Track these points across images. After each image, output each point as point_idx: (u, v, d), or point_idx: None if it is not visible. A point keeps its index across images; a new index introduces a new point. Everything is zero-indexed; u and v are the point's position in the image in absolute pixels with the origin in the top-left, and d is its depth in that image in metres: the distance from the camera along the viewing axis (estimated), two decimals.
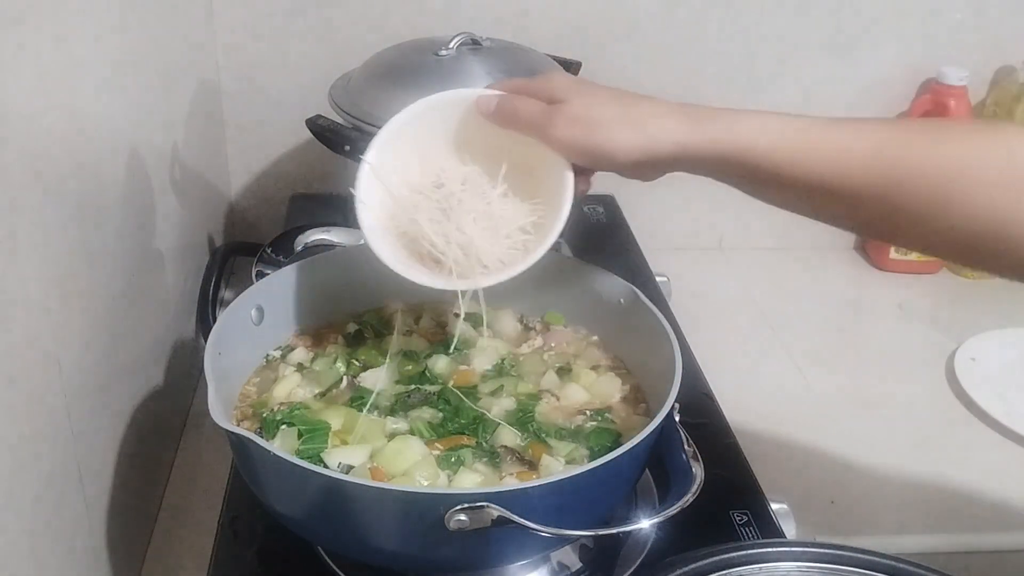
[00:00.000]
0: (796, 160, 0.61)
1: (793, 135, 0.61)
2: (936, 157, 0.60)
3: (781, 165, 0.61)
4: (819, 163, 0.61)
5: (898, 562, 0.59)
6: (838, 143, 0.61)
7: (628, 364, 0.76)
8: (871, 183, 0.60)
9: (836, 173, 0.61)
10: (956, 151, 0.60)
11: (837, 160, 0.61)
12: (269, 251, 0.89)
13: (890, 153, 0.60)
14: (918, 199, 0.60)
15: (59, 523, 0.59)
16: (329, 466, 0.62)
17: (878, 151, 0.61)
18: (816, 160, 0.61)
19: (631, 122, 0.63)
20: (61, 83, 0.60)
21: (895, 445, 0.93)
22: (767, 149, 0.61)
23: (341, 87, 0.99)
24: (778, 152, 0.61)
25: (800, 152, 0.61)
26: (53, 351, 0.58)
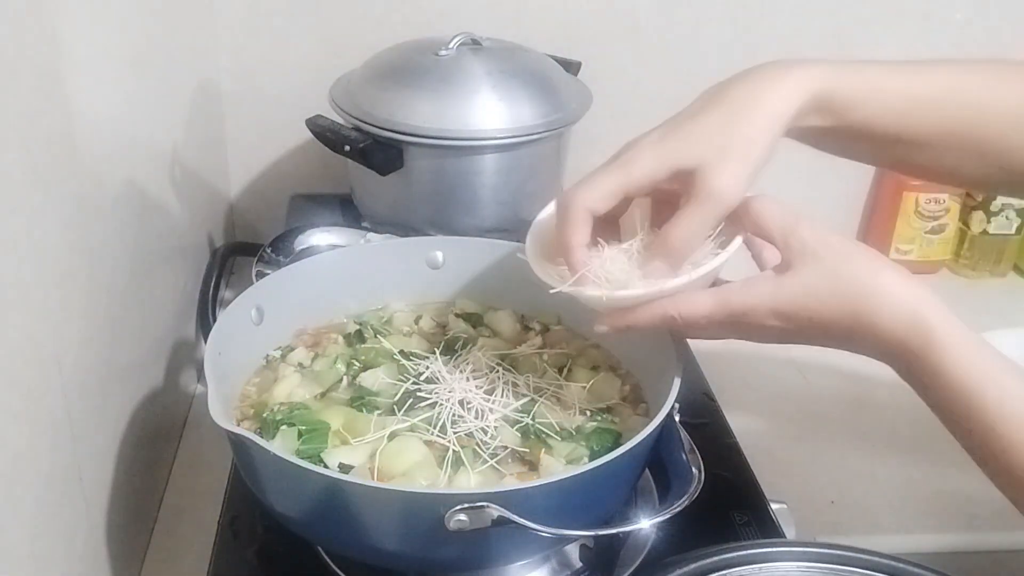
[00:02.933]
0: (880, 108, 0.61)
1: (867, 80, 0.61)
2: (1003, 101, 0.62)
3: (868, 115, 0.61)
4: (903, 107, 0.62)
5: (898, 562, 0.59)
6: (919, 90, 0.62)
7: (628, 364, 0.76)
8: (940, 126, 0.62)
9: (918, 117, 0.62)
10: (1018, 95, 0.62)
11: (918, 105, 0.62)
12: (269, 251, 0.89)
13: (960, 97, 0.62)
14: (984, 142, 0.63)
15: (59, 523, 0.59)
16: (329, 466, 0.62)
17: (949, 94, 0.62)
18: (900, 106, 0.62)
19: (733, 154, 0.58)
20: (61, 83, 0.60)
21: (895, 445, 0.93)
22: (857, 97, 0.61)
23: (341, 87, 1.00)
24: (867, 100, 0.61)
25: (872, 97, 0.61)
26: (53, 351, 0.58)
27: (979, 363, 0.54)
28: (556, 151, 1.01)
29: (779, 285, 0.57)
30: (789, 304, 0.57)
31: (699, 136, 0.59)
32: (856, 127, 0.62)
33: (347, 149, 0.95)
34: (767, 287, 0.58)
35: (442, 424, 0.66)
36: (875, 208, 1.27)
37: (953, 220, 1.23)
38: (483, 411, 0.68)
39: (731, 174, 0.57)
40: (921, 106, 0.62)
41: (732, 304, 0.58)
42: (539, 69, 1.01)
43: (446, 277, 0.82)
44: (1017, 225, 1.23)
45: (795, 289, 0.57)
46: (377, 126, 0.93)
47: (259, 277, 0.80)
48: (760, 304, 0.58)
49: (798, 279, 0.57)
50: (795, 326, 0.58)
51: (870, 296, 0.56)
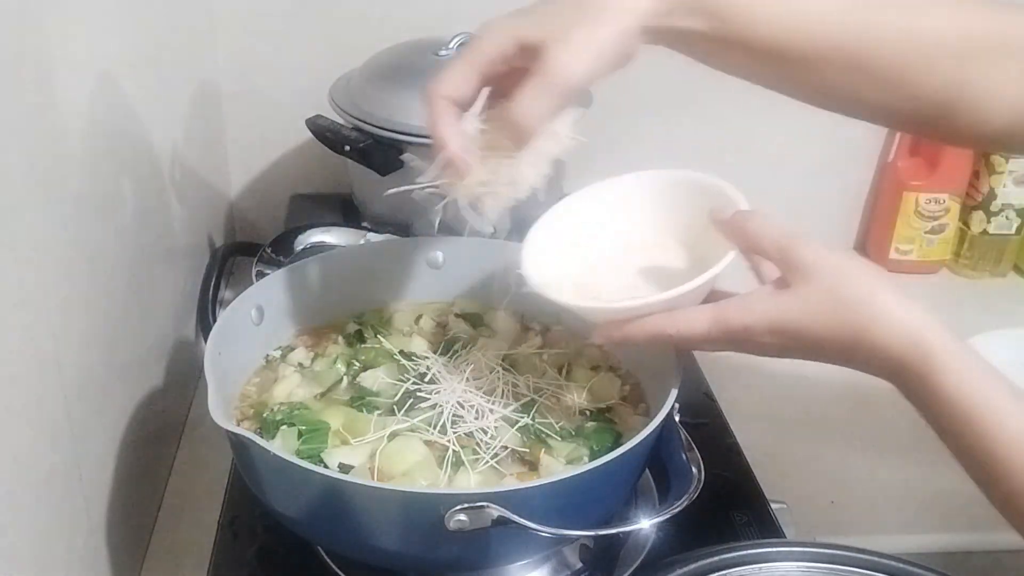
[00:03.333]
0: (765, 16, 0.60)
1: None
2: (904, 27, 0.60)
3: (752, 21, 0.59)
4: (789, 21, 0.60)
5: (898, 562, 0.59)
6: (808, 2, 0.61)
7: (628, 364, 0.76)
8: (840, 46, 0.60)
9: (805, 32, 0.60)
10: (923, 22, 0.61)
11: (807, 19, 0.60)
12: (269, 251, 0.89)
13: (860, 17, 0.60)
14: (885, 67, 0.61)
15: (59, 523, 0.59)
16: (329, 466, 0.62)
17: (849, 13, 0.60)
18: (786, 18, 0.60)
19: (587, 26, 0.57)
20: (61, 83, 0.60)
21: (895, 445, 0.93)
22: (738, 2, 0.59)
23: (341, 87, 1.00)
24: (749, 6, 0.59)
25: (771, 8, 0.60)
26: (53, 351, 0.58)
27: (979, 387, 0.54)
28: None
29: (778, 303, 0.57)
30: (788, 323, 0.57)
31: (549, 14, 0.58)
32: (737, 35, 0.60)
33: (347, 149, 0.95)
34: (765, 305, 0.57)
35: (442, 424, 0.66)
36: (875, 208, 1.27)
37: (953, 220, 1.23)
38: (483, 411, 0.68)
39: (574, 51, 0.56)
40: (817, 19, 0.60)
41: (730, 321, 0.58)
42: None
43: (446, 277, 0.82)
44: (1017, 225, 1.23)
45: (794, 308, 0.56)
46: (377, 126, 0.93)
47: (259, 277, 0.80)
48: (758, 322, 0.57)
49: (797, 298, 0.56)
50: (794, 343, 0.58)
51: (870, 317, 0.55)
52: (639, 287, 0.65)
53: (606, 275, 0.66)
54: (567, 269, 0.66)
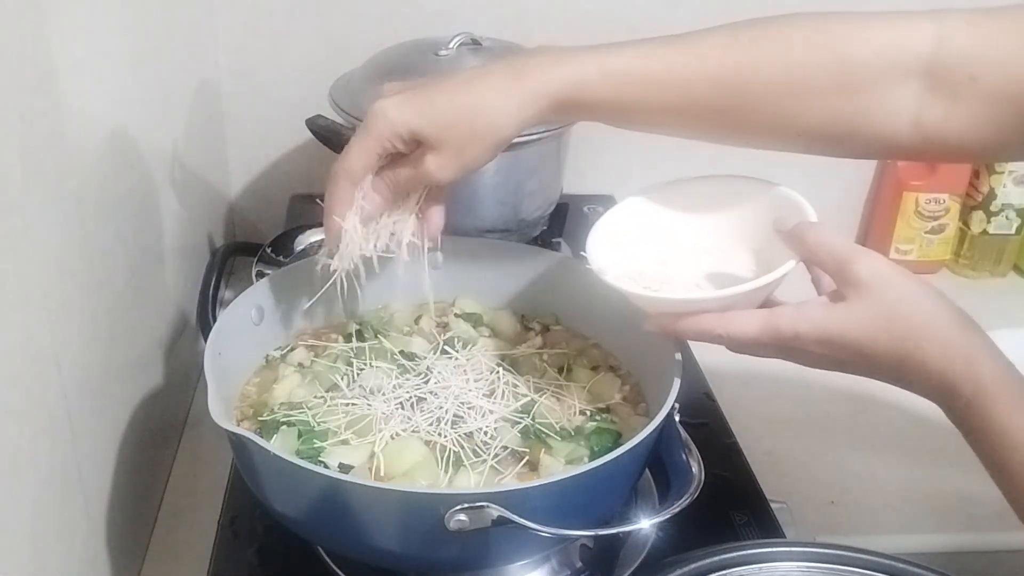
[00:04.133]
0: (632, 101, 0.63)
1: (625, 69, 0.63)
2: (774, 71, 0.62)
3: (624, 104, 0.63)
4: (662, 93, 0.63)
5: (898, 562, 0.59)
6: (675, 72, 0.63)
7: (628, 364, 0.76)
8: (718, 104, 0.63)
9: (682, 99, 0.63)
10: (789, 60, 0.62)
11: (679, 88, 0.63)
12: (269, 251, 0.89)
13: (731, 73, 0.63)
14: (763, 113, 0.63)
15: (59, 523, 0.59)
16: (329, 466, 0.62)
17: (718, 72, 0.63)
18: (659, 91, 0.63)
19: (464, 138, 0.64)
20: (61, 83, 0.60)
21: (895, 445, 0.93)
22: (605, 92, 0.63)
23: (341, 87, 0.99)
24: (618, 92, 0.63)
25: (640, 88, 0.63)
26: (53, 351, 0.58)
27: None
28: (556, 151, 1.01)
29: (830, 315, 0.57)
30: (839, 336, 0.56)
31: (432, 120, 0.63)
32: (613, 115, 0.65)
33: None
34: (818, 315, 0.57)
35: (442, 424, 0.66)
36: (875, 208, 1.27)
37: (953, 220, 1.23)
38: (483, 411, 0.68)
39: (443, 164, 0.64)
40: (683, 85, 0.63)
41: (781, 327, 0.58)
42: None
43: (446, 277, 0.82)
44: (1017, 225, 1.23)
45: (846, 321, 0.56)
46: None
47: (259, 277, 0.80)
48: (810, 331, 0.57)
49: (850, 312, 0.56)
50: (842, 356, 0.57)
51: (922, 339, 0.55)
52: (698, 286, 0.66)
53: (667, 271, 0.67)
54: (630, 261, 0.67)
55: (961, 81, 0.60)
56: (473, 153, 0.64)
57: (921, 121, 0.62)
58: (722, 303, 0.60)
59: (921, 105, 0.61)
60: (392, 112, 0.64)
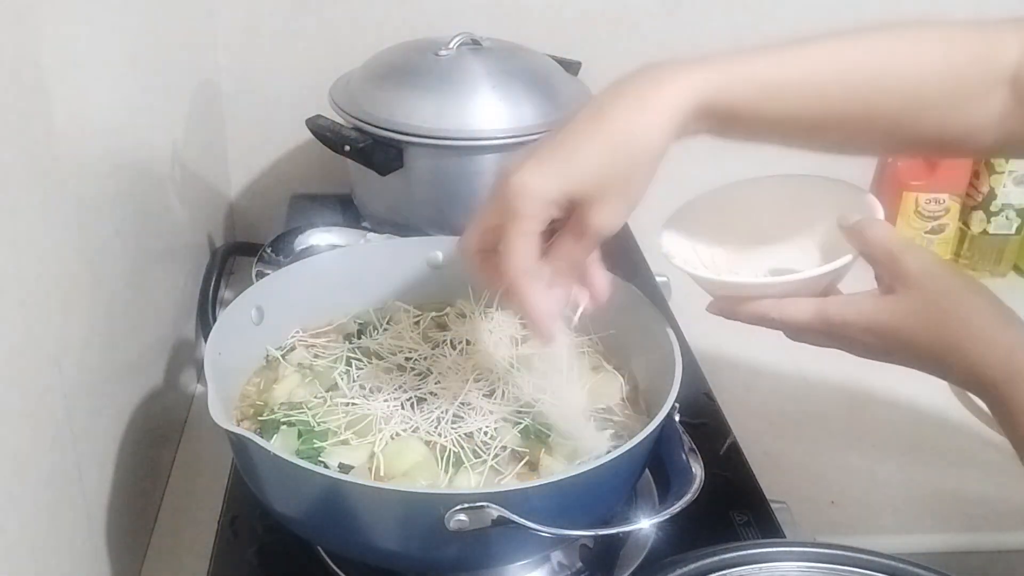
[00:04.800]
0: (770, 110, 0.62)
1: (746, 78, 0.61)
2: (899, 76, 0.63)
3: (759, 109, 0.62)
4: (792, 106, 0.62)
5: (898, 562, 0.59)
6: (808, 76, 0.62)
7: (628, 364, 0.76)
8: (845, 109, 0.63)
9: (812, 105, 0.62)
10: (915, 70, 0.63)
11: (811, 93, 0.62)
12: (269, 251, 0.89)
13: (860, 78, 0.63)
14: (888, 117, 0.64)
15: (59, 523, 0.59)
16: (329, 466, 0.62)
17: (848, 78, 0.63)
18: (789, 104, 0.62)
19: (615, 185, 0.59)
20: (61, 83, 0.60)
21: (895, 445, 0.93)
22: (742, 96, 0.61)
23: (341, 87, 1.00)
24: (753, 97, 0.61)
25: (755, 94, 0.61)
26: (53, 351, 0.58)
27: None
28: None
29: (879, 305, 0.60)
30: (885, 325, 0.59)
31: (586, 165, 0.58)
32: (749, 127, 0.63)
33: (347, 149, 0.95)
34: (867, 305, 0.60)
35: (442, 424, 0.66)
36: None
37: (953, 220, 1.23)
38: (483, 411, 0.68)
39: (611, 212, 0.59)
40: (815, 91, 0.62)
41: (831, 315, 0.61)
42: (539, 69, 1.01)
43: (446, 277, 0.82)
44: (1017, 225, 1.23)
45: (894, 312, 0.59)
46: (377, 126, 0.93)
47: (259, 277, 0.80)
48: (858, 320, 0.60)
49: (898, 304, 0.59)
50: (888, 346, 0.60)
51: (967, 334, 0.57)
52: (762, 276, 0.68)
53: (735, 261, 0.70)
54: (700, 249, 0.70)
55: None
56: (638, 188, 0.59)
57: (1005, 126, 0.64)
58: (781, 290, 0.63)
59: (1007, 111, 0.64)
60: (536, 184, 0.57)
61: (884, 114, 0.63)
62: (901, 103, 0.63)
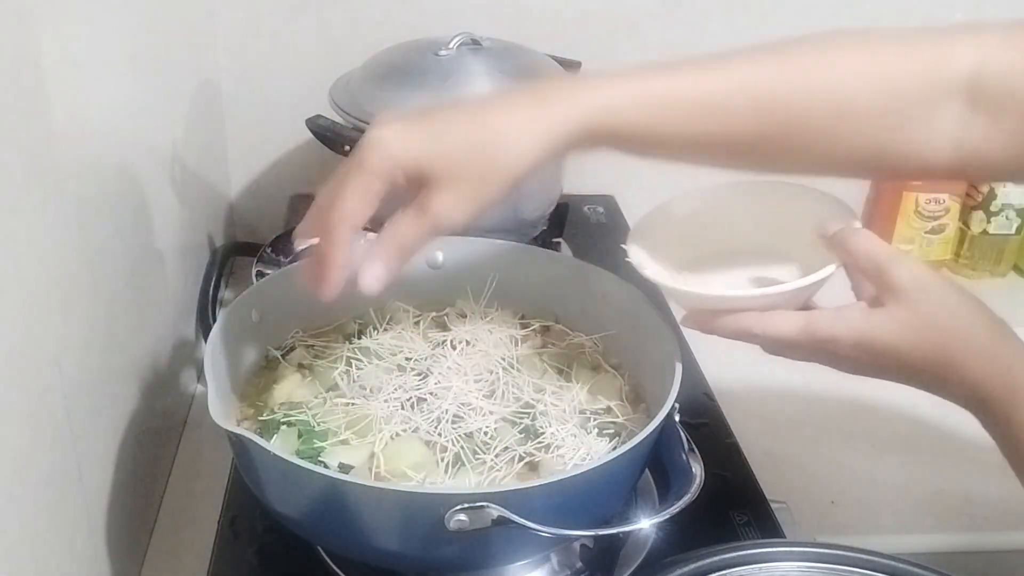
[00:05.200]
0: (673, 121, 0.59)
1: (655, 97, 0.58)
2: (820, 94, 0.59)
3: (658, 130, 0.59)
4: (694, 128, 0.59)
5: (898, 562, 0.59)
6: (714, 96, 0.59)
7: (628, 364, 0.76)
8: (758, 131, 0.60)
9: (720, 126, 0.59)
10: (834, 83, 0.60)
11: (718, 114, 0.59)
12: (269, 251, 0.89)
13: (772, 97, 0.59)
14: (809, 138, 0.60)
15: (59, 523, 0.59)
16: (329, 466, 0.62)
17: (759, 97, 0.59)
18: (691, 126, 0.59)
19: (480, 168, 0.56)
20: (61, 83, 0.60)
21: (895, 445, 0.93)
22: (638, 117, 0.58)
23: (341, 87, 1.00)
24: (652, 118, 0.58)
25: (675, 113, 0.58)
26: (53, 351, 0.58)
27: None
28: None
29: (869, 320, 0.57)
30: (876, 341, 0.56)
31: (443, 155, 0.56)
32: (642, 147, 0.60)
33: (347, 149, 0.95)
34: (857, 320, 0.57)
35: (442, 424, 0.66)
36: (875, 208, 1.27)
37: (953, 220, 1.23)
38: (483, 411, 0.68)
39: (454, 202, 0.56)
40: (721, 111, 0.59)
41: (819, 331, 0.58)
42: (539, 69, 1.01)
43: (446, 277, 0.82)
44: (1017, 225, 1.23)
45: (885, 328, 0.56)
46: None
47: (259, 277, 0.80)
48: (847, 336, 0.57)
49: (889, 318, 0.56)
50: (879, 362, 0.57)
51: (963, 350, 0.55)
52: (739, 286, 0.66)
53: (708, 271, 0.68)
54: (671, 258, 0.67)
55: (1003, 98, 0.59)
56: (490, 189, 0.57)
57: (962, 141, 0.60)
58: (761, 303, 0.60)
59: (962, 125, 0.60)
60: (394, 143, 0.56)
61: (808, 132, 0.60)
62: (827, 121, 0.59)
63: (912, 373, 0.57)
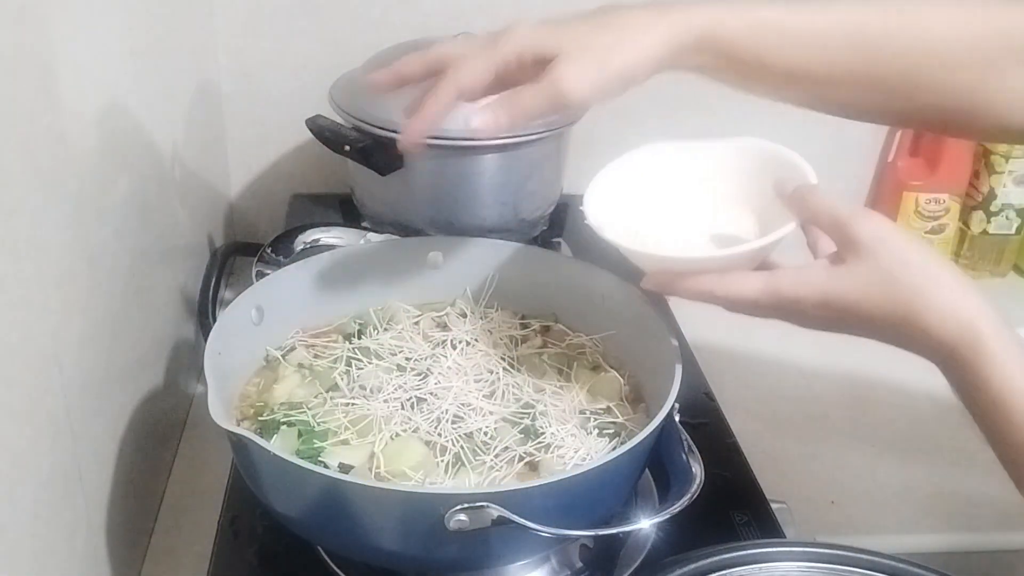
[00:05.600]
0: (774, 51, 0.62)
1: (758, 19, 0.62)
2: (914, 41, 0.62)
3: (760, 56, 0.62)
4: (798, 52, 0.62)
5: (898, 562, 0.59)
6: (815, 28, 0.62)
7: (628, 364, 0.76)
8: (850, 67, 0.62)
9: (816, 60, 0.62)
10: (933, 33, 0.62)
11: (815, 48, 0.62)
12: (269, 251, 0.89)
13: (869, 36, 0.62)
14: (895, 79, 0.63)
15: (59, 523, 0.59)
16: (329, 466, 0.62)
17: (858, 34, 0.62)
18: (796, 50, 0.62)
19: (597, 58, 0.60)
20: (61, 83, 0.60)
21: (895, 445, 0.93)
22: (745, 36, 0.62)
23: (341, 87, 1.00)
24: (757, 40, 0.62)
25: (762, 35, 0.62)
26: (53, 351, 0.58)
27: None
28: (556, 151, 1.01)
29: (831, 277, 0.57)
30: (840, 298, 0.57)
31: (571, 34, 0.61)
32: (748, 70, 0.63)
33: (347, 149, 0.95)
34: (819, 278, 0.57)
35: (442, 424, 0.66)
36: (875, 208, 1.26)
37: (953, 220, 1.23)
38: (483, 411, 0.68)
39: (580, 73, 0.59)
40: (824, 45, 0.62)
41: (782, 290, 0.58)
42: None
43: (446, 277, 0.82)
44: (1017, 225, 1.23)
45: (847, 284, 0.56)
46: (377, 126, 0.93)
47: (259, 277, 0.80)
48: (810, 294, 0.57)
49: (851, 274, 0.56)
50: (843, 318, 0.58)
51: (924, 302, 0.55)
52: (698, 246, 0.65)
53: (667, 230, 0.67)
54: (629, 218, 0.66)
55: None
56: (613, 65, 0.60)
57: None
58: (721, 263, 0.60)
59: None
60: (527, 29, 0.61)
61: (895, 74, 0.62)
62: (914, 65, 0.62)
63: (877, 328, 0.57)
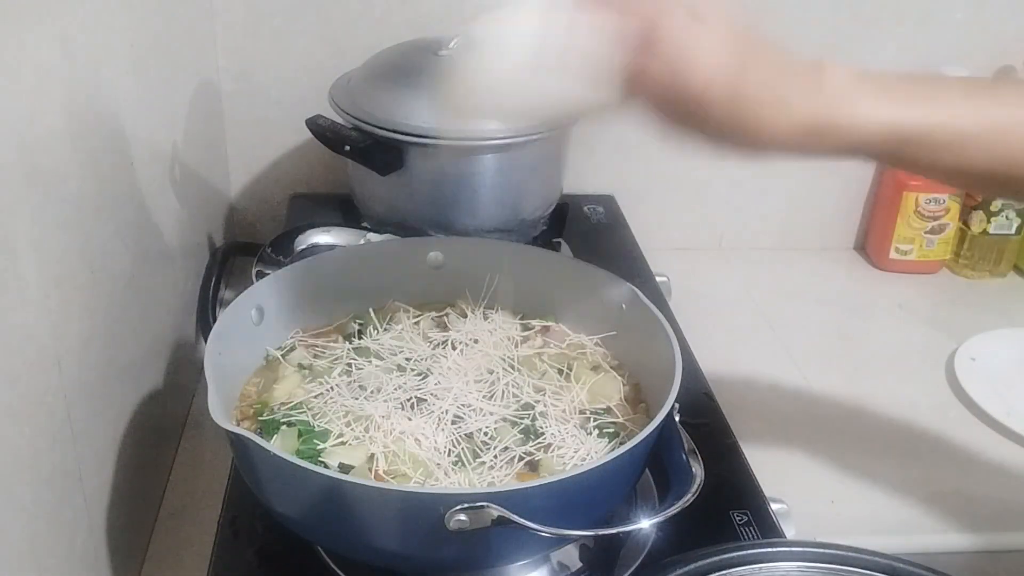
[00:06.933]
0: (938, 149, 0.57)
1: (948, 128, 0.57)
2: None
3: (935, 159, 0.58)
4: (974, 151, 0.58)
5: (898, 562, 0.59)
6: (994, 125, 0.58)
7: (628, 364, 0.76)
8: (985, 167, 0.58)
9: (993, 160, 0.58)
10: None
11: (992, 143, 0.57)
12: (269, 251, 0.89)
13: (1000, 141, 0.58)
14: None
15: (59, 523, 0.59)
16: (329, 466, 0.62)
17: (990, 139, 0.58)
18: (970, 148, 0.57)
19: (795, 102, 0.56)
20: (61, 83, 0.60)
21: (895, 445, 0.93)
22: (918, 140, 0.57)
23: (341, 87, 1.00)
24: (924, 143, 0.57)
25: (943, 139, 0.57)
26: (53, 351, 0.58)
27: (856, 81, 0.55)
28: (556, 151, 1.01)
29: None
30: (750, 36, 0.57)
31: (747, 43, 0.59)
32: (917, 167, 0.60)
33: (347, 149, 0.95)
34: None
35: (442, 424, 0.66)
36: (875, 208, 1.27)
37: (953, 220, 1.23)
38: (483, 411, 0.68)
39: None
40: (996, 140, 0.58)
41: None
42: None
43: (446, 277, 0.82)
44: (1017, 225, 1.23)
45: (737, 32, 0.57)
46: (377, 126, 0.93)
47: (259, 277, 0.80)
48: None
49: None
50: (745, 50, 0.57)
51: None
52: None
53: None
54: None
55: None
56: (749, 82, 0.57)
57: None
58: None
59: None
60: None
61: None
62: None
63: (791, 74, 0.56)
